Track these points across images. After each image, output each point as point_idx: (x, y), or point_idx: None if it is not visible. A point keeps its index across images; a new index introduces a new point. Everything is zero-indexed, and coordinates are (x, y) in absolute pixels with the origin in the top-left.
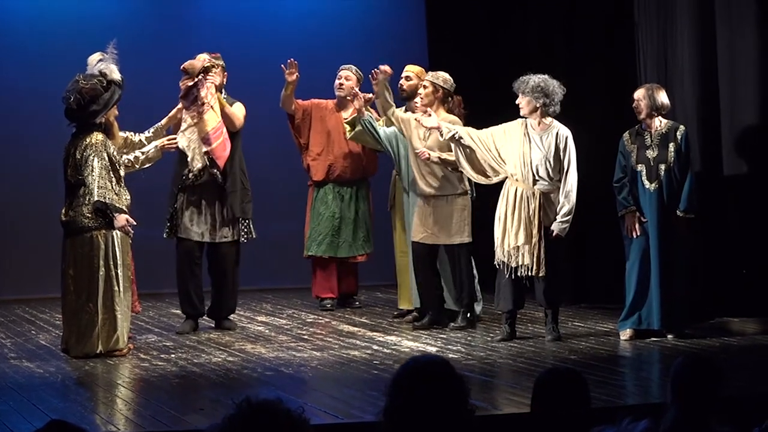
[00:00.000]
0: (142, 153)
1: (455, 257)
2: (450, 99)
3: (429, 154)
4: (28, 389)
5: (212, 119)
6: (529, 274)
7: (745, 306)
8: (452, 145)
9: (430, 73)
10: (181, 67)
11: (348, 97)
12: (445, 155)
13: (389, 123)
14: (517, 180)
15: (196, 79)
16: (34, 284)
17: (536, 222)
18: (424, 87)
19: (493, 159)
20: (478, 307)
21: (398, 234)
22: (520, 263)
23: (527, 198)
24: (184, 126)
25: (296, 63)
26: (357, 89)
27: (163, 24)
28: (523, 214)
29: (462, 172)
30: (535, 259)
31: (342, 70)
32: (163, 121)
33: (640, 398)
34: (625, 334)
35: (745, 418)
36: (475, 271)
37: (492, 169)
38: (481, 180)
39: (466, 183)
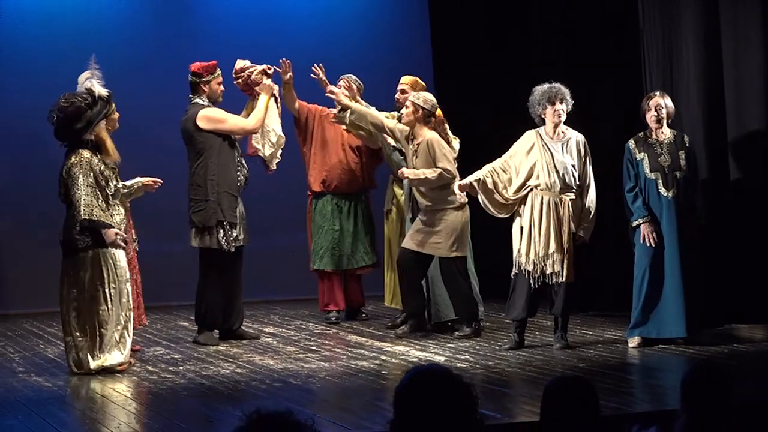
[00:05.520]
0: (125, 186)
1: (449, 270)
2: (432, 118)
3: (405, 175)
4: (37, 404)
5: None
6: (560, 280)
7: (753, 312)
8: (477, 188)
9: (412, 93)
10: (272, 70)
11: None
12: (423, 173)
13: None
14: (542, 190)
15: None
16: (42, 299)
17: (566, 229)
18: (406, 107)
19: (519, 183)
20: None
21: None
22: (548, 271)
23: (555, 205)
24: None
25: (289, 62)
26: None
27: (166, 32)
28: (552, 222)
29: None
30: (566, 266)
31: (341, 79)
32: (133, 184)
33: (649, 405)
34: (634, 341)
35: (755, 426)
36: (473, 280)
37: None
38: (503, 215)
39: (460, 197)
